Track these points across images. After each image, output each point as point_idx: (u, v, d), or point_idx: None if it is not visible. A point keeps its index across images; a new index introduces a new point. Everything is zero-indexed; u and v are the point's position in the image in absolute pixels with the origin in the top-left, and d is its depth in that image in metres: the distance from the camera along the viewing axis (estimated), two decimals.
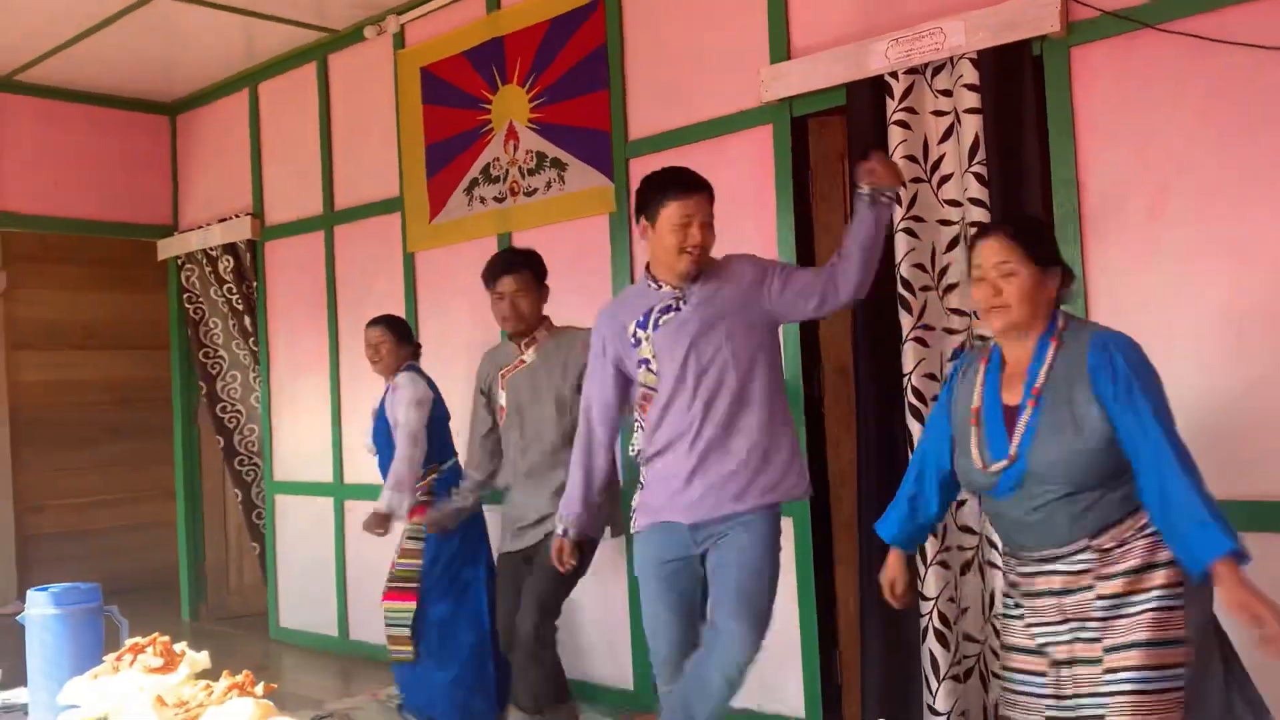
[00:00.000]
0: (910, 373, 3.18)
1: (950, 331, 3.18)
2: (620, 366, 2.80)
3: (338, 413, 5.26)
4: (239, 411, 5.95)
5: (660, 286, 2.73)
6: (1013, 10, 3.03)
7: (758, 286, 2.71)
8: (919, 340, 3.19)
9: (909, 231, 3.19)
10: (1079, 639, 2.11)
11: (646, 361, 2.71)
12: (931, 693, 3.13)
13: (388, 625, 3.94)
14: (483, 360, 3.71)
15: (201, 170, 6.14)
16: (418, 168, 4.82)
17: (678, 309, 2.69)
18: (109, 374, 7.21)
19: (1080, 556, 2.10)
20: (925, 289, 3.20)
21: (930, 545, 3.15)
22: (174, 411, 6.30)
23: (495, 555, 3.78)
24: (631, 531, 2.86)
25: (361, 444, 4.62)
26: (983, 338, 3.05)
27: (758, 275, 2.73)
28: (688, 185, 2.68)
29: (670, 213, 2.65)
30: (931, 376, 3.19)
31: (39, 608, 2.75)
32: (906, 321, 3.19)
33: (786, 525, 2.92)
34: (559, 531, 2.95)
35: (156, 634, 2.24)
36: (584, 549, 3.41)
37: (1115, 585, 2.07)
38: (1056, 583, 2.13)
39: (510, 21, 4.45)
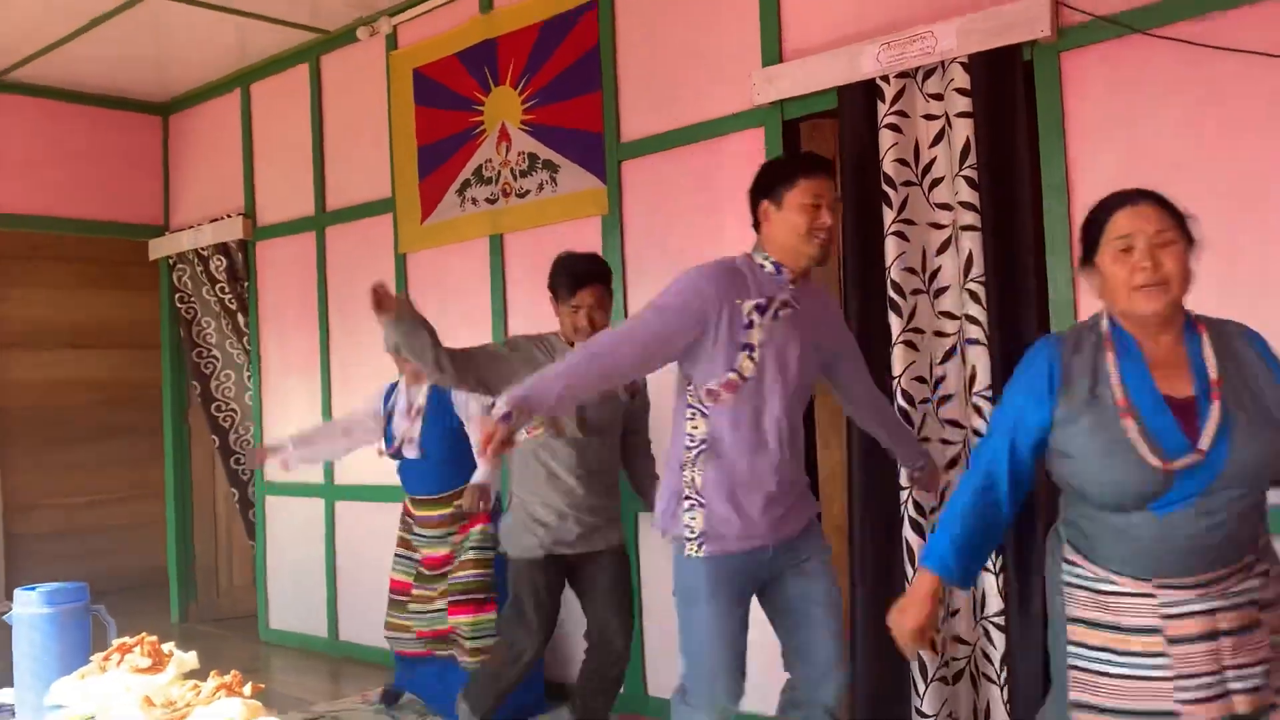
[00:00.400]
0: (900, 375, 3.19)
1: (940, 335, 3.19)
2: (698, 334, 2.45)
3: (329, 414, 5.25)
4: (234, 410, 5.94)
5: (780, 272, 2.53)
6: (1004, 14, 3.04)
7: (843, 337, 2.77)
8: (908, 343, 3.19)
9: (899, 235, 3.20)
10: (1234, 690, 1.80)
11: (751, 348, 2.46)
12: (919, 695, 3.14)
13: (469, 639, 3.86)
14: (528, 342, 3.34)
15: (193, 170, 6.13)
16: (410, 169, 4.82)
17: (793, 306, 2.54)
18: (98, 373, 7.19)
19: (1244, 585, 1.84)
20: (916, 292, 3.21)
21: (918, 546, 3.16)
22: (164, 411, 6.28)
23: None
24: (697, 554, 2.51)
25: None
26: (973, 341, 3.06)
27: (844, 329, 2.81)
28: (818, 166, 2.56)
29: (799, 193, 2.50)
30: (920, 379, 3.20)
31: (26, 607, 2.75)
32: (896, 324, 3.20)
33: None
34: (500, 412, 2.27)
35: (144, 634, 2.24)
36: (623, 559, 3.42)
37: (1278, 616, 1.86)
38: (1223, 621, 1.82)
39: (503, 23, 4.45)
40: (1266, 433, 1.82)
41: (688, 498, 2.52)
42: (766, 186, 2.56)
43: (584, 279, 3.28)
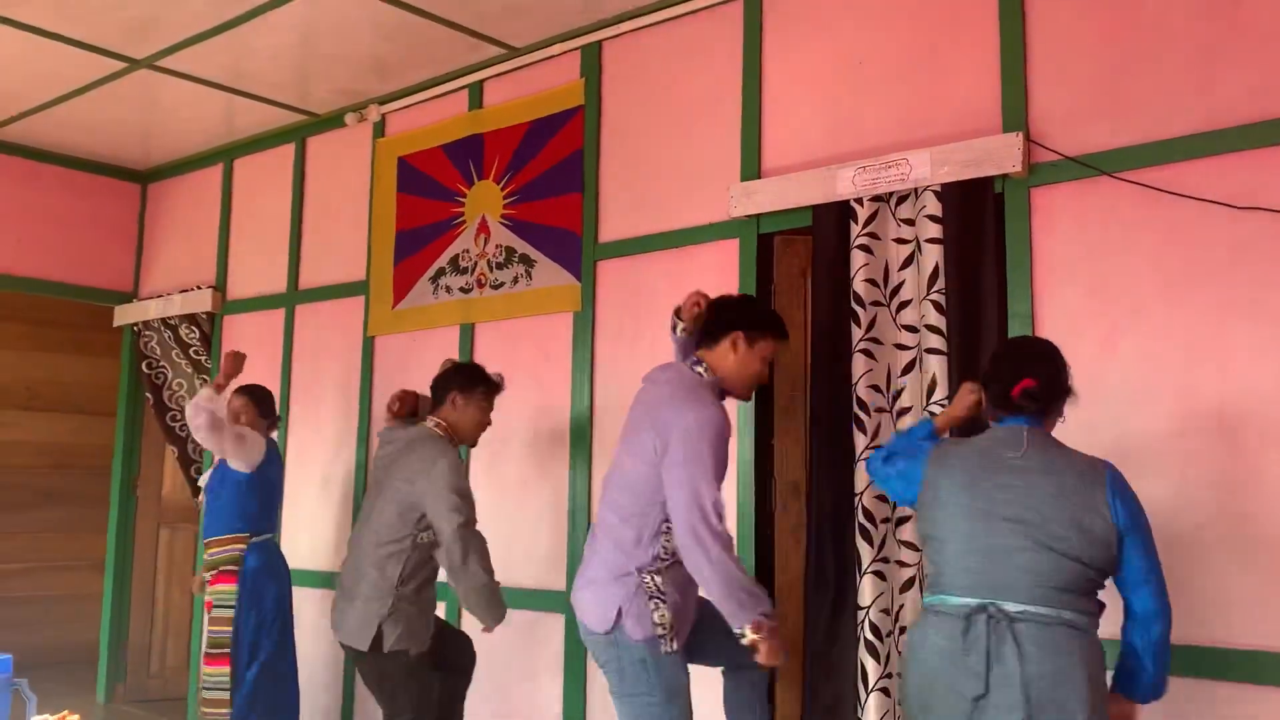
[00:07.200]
0: (861, 494, 3.19)
1: None
2: None
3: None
4: None
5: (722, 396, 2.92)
6: (977, 148, 3.14)
7: None
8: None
9: (867, 353, 3.24)
10: None
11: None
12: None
13: (206, 690, 4.20)
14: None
15: (167, 240, 6.12)
16: (386, 253, 4.84)
17: None
18: (48, 437, 7.03)
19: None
20: (880, 410, 3.23)
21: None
22: (113, 480, 6.13)
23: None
24: (674, 650, 2.67)
25: (303, 528, 4.51)
26: None
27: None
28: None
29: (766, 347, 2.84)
30: (881, 498, 3.20)
31: None
32: (860, 440, 3.22)
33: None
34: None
35: (66, 712, 2.15)
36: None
37: None
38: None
39: (491, 120, 4.53)
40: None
41: (654, 596, 2.64)
42: (750, 323, 2.82)
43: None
